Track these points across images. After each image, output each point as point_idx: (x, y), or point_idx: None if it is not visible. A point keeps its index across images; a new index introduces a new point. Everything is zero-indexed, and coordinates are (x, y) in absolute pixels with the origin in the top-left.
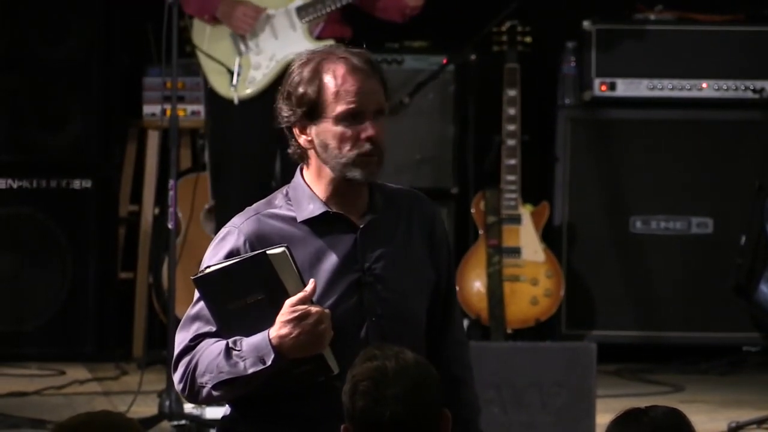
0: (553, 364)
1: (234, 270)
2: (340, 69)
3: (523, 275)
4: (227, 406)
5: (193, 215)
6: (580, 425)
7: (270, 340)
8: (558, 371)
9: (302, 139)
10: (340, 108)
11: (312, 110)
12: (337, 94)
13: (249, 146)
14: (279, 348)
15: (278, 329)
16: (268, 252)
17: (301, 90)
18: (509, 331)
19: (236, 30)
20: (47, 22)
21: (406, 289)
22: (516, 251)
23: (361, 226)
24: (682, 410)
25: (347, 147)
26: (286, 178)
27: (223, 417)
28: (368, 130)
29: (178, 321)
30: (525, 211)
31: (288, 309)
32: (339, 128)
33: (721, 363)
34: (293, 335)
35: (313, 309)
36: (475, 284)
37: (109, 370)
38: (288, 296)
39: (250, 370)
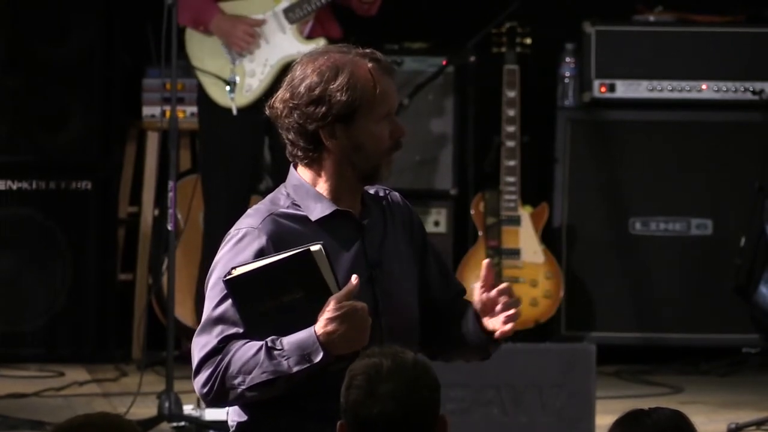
0: (552, 365)
1: (273, 269)
2: (377, 71)
3: (522, 276)
4: (239, 411)
5: (193, 217)
6: (580, 426)
7: (317, 337)
8: (557, 373)
9: (330, 142)
10: (381, 109)
11: (349, 114)
12: (378, 95)
13: (244, 151)
14: (326, 345)
15: (324, 326)
16: (311, 249)
17: (340, 96)
18: None
19: (236, 49)
20: (47, 22)
21: (405, 284)
22: (515, 252)
23: (365, 223)
24: (682, 411)
25: (382, 147)
26: (279, 170)
27: (239, 423)
28: (401, 130)
29: (178, 322)
30: (524, 213)
31: (334, 305)
32: (377, 129)
33: (720, 364)
34: (341, 332)
35: (359, 304)
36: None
37: (109, 371)
38: (329, 293)
39: (295, 369)
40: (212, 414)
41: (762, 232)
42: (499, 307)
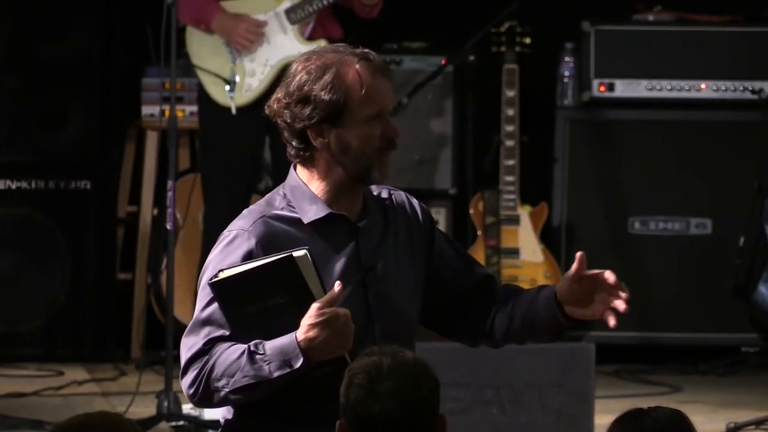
0: (551, 365)
1: (258, 273)
2: (365, 70)
3: (521, 276)
4: (228, 408)
5: (192, 216)
6: (579, 426)
7: (298, 343)
8: (556, 372)
9: (318, 142)
10: (368, 110)
11: (335, 113)
12: (365, 96)
13: (244, 151)
14: (307, 351)
15: (305, 332)
16: (294, 254)
17: (324, 95)
18: None
19: (237, 46)
20: (47, 22)
21: (403, 288)
22: (514, 252)
23: (360, 226)
24: (681, 411)
25: (372, 147)
26: (279, 170)
27: (226, 420)
28: (393, 130)
29: (177, 322)
30: (523, 212)
31: (315, 311)
32: (366, 130)
33: (719, 364)
34: (322, 338)
35: (341, 311)
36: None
37: (108, 370)
38: (313, 298)
39: (276, 374)
40: (211, 413)
41: (761, 231)
42: (619, 300)
